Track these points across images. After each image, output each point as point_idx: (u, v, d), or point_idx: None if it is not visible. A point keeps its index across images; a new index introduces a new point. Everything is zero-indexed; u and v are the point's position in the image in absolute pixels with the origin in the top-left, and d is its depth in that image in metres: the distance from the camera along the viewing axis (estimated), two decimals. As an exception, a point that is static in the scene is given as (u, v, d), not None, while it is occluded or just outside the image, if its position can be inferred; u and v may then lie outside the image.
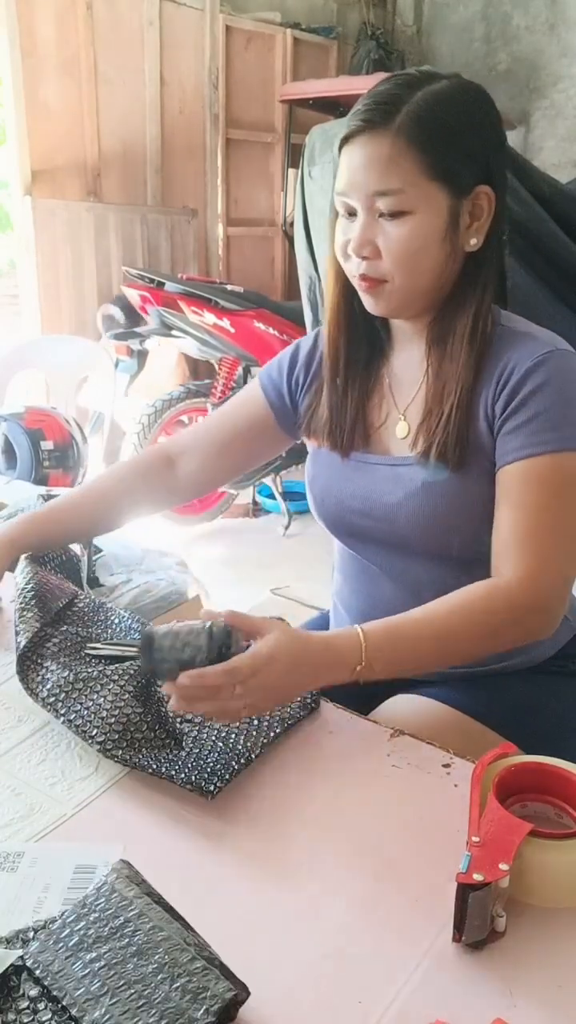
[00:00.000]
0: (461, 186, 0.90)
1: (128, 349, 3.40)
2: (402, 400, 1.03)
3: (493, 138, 0.94)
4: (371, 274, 0.93)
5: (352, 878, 0.69)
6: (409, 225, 0.89)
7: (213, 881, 0.70)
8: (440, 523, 0.97)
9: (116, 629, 1.08)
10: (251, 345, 3.39)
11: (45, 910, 0.65)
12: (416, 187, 0.88)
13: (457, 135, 0.90)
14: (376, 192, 0.89)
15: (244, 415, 1.15)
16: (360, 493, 1.03)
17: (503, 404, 0.92)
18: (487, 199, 0.92)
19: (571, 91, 4.87)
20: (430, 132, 0.88)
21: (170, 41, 4.08)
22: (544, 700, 1.05)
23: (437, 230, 0.90)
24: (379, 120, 0.88)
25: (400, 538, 1.01)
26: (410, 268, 0.91)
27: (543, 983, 0.59)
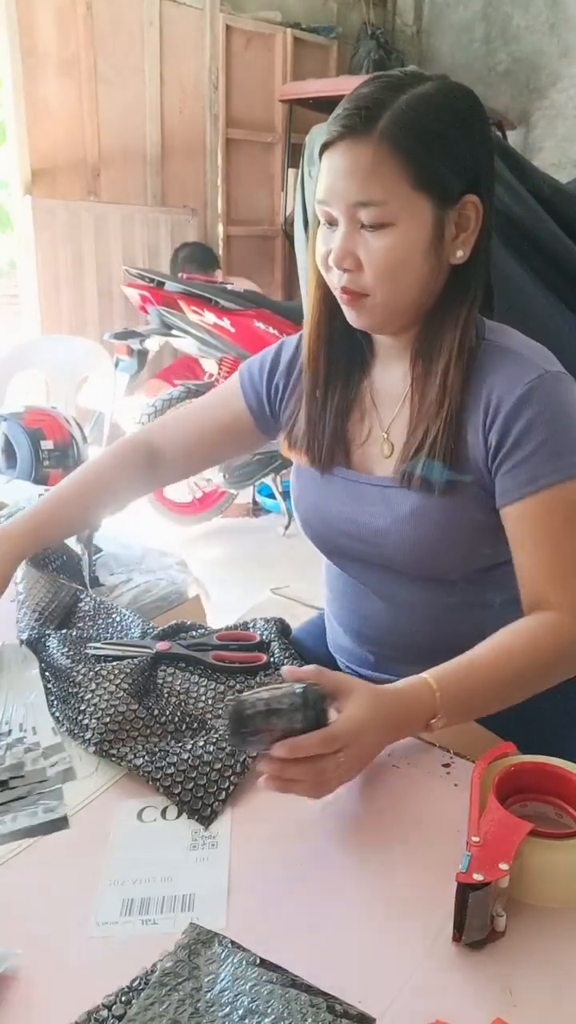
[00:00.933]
0: (447, 196, 0.85)
1: (128, 349, 3.40)
2: (386, 417, 0.99)
3: (481, 144, 0.88)
4: (352, 287, 0.88)
5: (352, 878, 0.69)
6: (392, 237, 0.84)
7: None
8: (429, 548, 0.95)
9: (118, 628, 1.09)
10: (251, 345, 3.38)
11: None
12: (400, 197, 0.83)
13: (443, 142, 0.84)
14: (357, 202, 0.84)
15: (225, 412, 1.13)
16: (347, 515, 1.00)
17: (497, 438, 0.89)
18: (474, 209, 0.87)
19: (571, 91, 4.87)
20: (415, 139, 0.82)
21: (170, 41, 4.09)
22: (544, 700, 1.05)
23: (421, 242, 0.85)
24: (360, 126, 0.82)
25: (388, 560, 0.98)
26: (392, 282, 0.87)
27: (543, 983, 0.59)
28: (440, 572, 0.97)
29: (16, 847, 0.73)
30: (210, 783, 0.78)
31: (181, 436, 1.16)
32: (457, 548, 0.94)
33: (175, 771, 0.79)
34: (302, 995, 0.55)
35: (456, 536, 0.94)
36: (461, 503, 0.92)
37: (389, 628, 1.04)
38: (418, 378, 0.94)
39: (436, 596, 0.99)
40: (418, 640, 1.02)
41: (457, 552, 0.95)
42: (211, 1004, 0.55)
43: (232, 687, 0.94)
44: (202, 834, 0.74)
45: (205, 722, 0.88)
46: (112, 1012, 0.56)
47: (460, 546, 0.94)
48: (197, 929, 0.62)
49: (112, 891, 0.68)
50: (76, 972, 0.61)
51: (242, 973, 0.57)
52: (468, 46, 5.15)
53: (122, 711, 0.85)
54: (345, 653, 1.12)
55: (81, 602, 1.12)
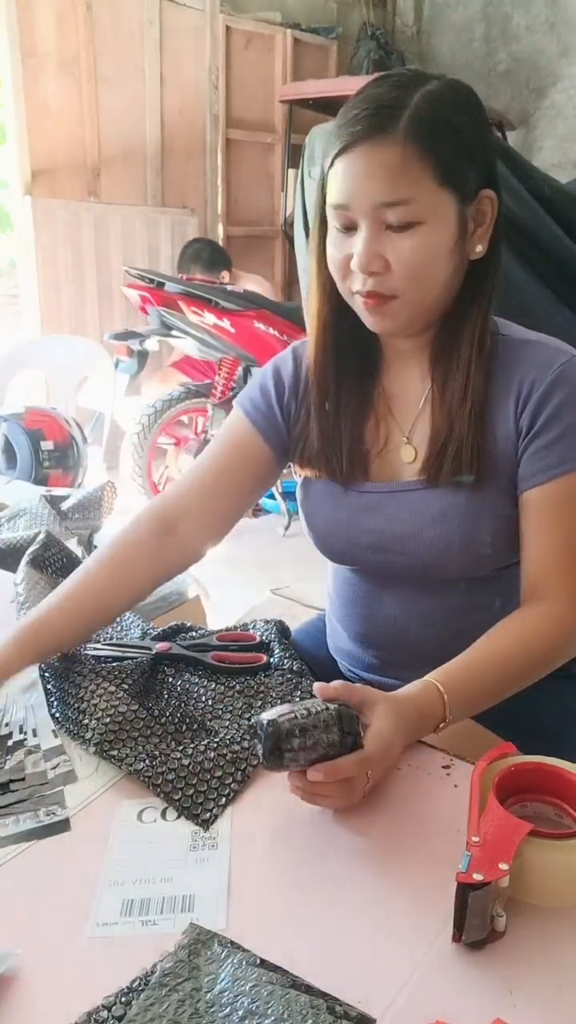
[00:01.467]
0: (467, 191, 0.86)
1: (128, 349, 3.41)
2: (405, 422, 0.98)
3: (487, 138, 0.89)
4: (380, 290, 0.86)
5: (352, 878, 0.69)
6: (419, 236, 0.84)
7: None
8: (459, 549, 0.94)
9: (118, 628, 1.09)
10: (251, 345, 3.39)
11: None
12: (426, 195, 0.83)
13: (461, 137, 0.85)
14: (384, 203, 0.82)
15: (237, 457, 1.03)
16: (372, 527, 0.97)
17: (529, 419, 0.89)
18: (490, 203, 0.88)
19: (571, 91, 4.87)
20: (438, 136, 0.82)
21: (170, 41, 4.09)
22: (544, 700, 1.05)
23: (447, 239, 0.86)
24: (383, 125, 0.81)
25: (417, 568, 0.97)
26: (421, 282, 0.86)
27: (543, 983, 0.59)
28: (468, 569, 0.97)
29: (16, 848, 0.73)
30: (210, 790, 0.78)
31: (198, 503, 1.02)
32: (486, 543, 0.94)
33: (175, 776, 0.79)
34: (302, 996, 0.55)
35: (484, 532, 0.94)
36: (490, 499, 0.92)
37: (398, 634, 1.04)
38: (439, 377, 0.93)
39: (455, 598, 0.99)
40: (425, 644, 1.02)
41: (486, 548, 0.95)
42: (211, 1005, 0.55)
43: (232, 688, 0.94)
44: (202, 835, 0.74)
45: (205, 724, 0.88)
46: (112, 1013, 0.56)
47: (489, 542, 0.94)
48: (197, 929, 0.62)
49: (112, 892, 0.68)
50: (76, 972, 0.61)
51: (242, 974, 0.57)
52: (468, 46, 5.15)
53: (122, 711, 0.85)
54: (348, 656, 1.12)
55: None
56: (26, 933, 0.64)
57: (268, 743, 0.70)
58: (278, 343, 3.39)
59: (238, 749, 0.82)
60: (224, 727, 0.87)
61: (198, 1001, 0.56)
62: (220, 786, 0.79)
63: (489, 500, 0.92)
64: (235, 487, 1.03)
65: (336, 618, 1.12)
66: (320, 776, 0.71)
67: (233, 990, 0.56)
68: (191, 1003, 0.56)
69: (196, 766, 0.80)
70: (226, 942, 0.61)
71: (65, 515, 1.49)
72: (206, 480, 1.03)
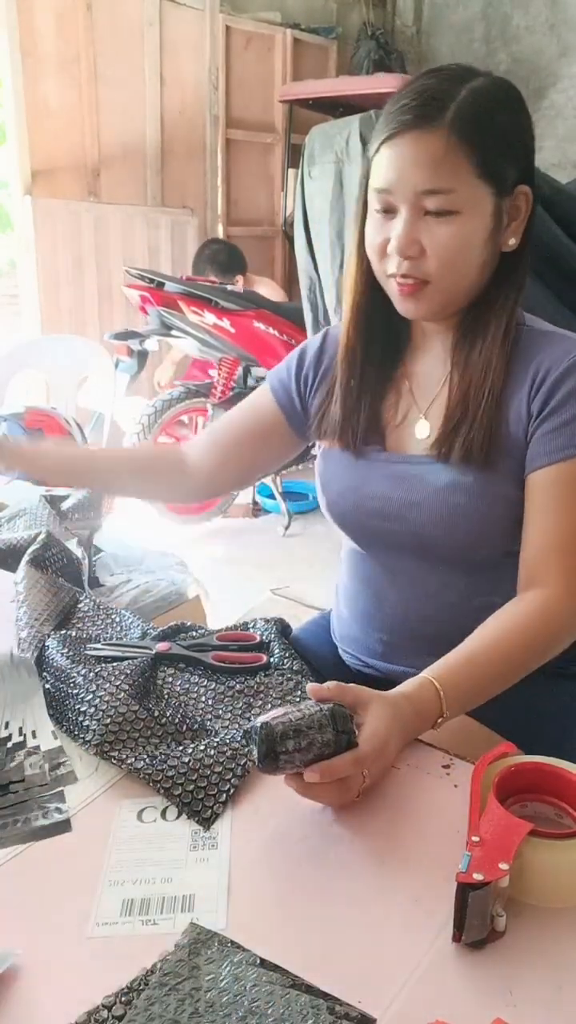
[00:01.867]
0: (504, 186, 0.89)
1: (128, 349, 3.40)
2: (423, 400, 1.01)
3: (530, 137, 0.93)
4: (414, 274, 0.90)
5: (352, 878, 0.69)
6: (457, 224, 0.87)
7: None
8: (462, 524, 0.95)
9: (118, 629, 1.09)
10: (251, 345, 3.39)
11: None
12: (466, 186, 0.86)
13: (503, 133, 0.88)
14: (425, 190, 0.86)
15: (255, 419, 1.13)
16: (381, 492, 1.00)
17: (540, 403, 0.91)
18: (525, 199, 0.91)
19: (571, 91, 4.87)
20: (481, 130, 0.85)
21: (170, 41, 4.09)
22: (544, 700, 1.05)
23: (482, 230, 0.89)
24: (431, 115, 0.85)
25: (418, 539, 0.99)
26: (455, 269, 0.89)
27: (543, 983, 0.59)
28: (469, 548, 0.98)
29: (16, 848, 0.73)
30: (211, 785, 0.78)
31: (212, 448, 1.14)
32: (489, 523, 0.96)
33: (175, 773, 0.79)
34: (302, 996, 0.55)
35: (489, 510, 0.95)
36: (497, 480, 0.94)
37: (403, 615, 1.05)
38: (460, 361, 0.96)
39: (459, 580, 1.00)
40: (429, 630, 1.03)
41: (489, 530, 0.96)
42: (211, 1004, 0.55)
43: (232, 687, 0.94)
44: (202, 834, 0.74)
45: (205, 724, 0.88)
46: (112, 1012, 0.56)
47: (493, 521, 0.95)
48: (197, 929, 0.62)
49: (112, 891, 0.68)
50: (76, 972, 0.61)
51: (242, 973, 0.57)
52: (468, 46, 5.15)
53: (123, 712, 0.85)
54: (353, 643, 1.12)
55: (80, 603, 1.12)
56: (26, 933, 0.64)
57: (263, 747, 0.70)
58: (278, 343, 3.39)
59: (237, 747, 0.82)
60: (224, 727, 0.87)
61: (198, 1001, 0.56)
62: (220, 782, 0.79)
63: (496, 481, 0.94)
64: (246, 448, 1.14)
65: (344, 602, 1.14)
66: (316, 777, 0.71)
67: (233, 990, 0.56)
68: (191, 1003, 0.55)
69: (196, 763, 0.80)
70: (226, 942, 0.61)
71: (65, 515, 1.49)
72: (223, 435, 1.15)
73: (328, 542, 3.45)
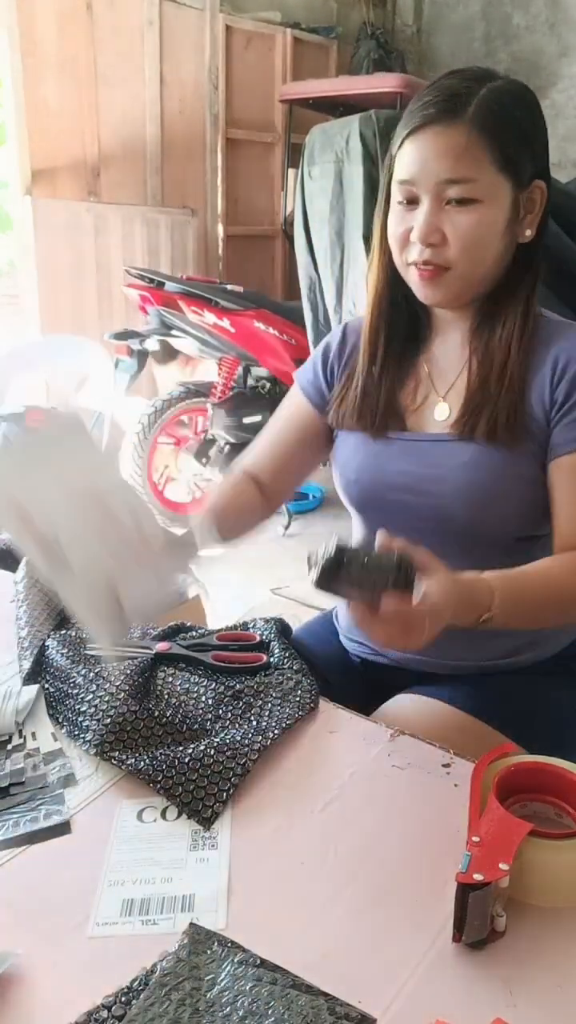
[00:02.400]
0: (522, 179, 0.94)
1: (128, 349, 3.40)
2: (442, 385, 1.04)
3: (545, 136, 0.99)
4: (436, 260, 0.94)
5: (352, 878, 0.69)
6: (477, 213, 0.91)
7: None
8: (484, 499, 0.98)
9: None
10: (251, 345, 3.39)
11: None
12: (486, 177, 0.91)
13: (521, 129, 0.93)
14: (448, 180, 0.90)
15: (297, 425, 1.15)
16: (403, 468, 1.03)
17: (563, 395, 0.94)
18: (540, 193, 0.96)
19: (571, 91, 4.87)
20: (502, 125, 0.91)
21: (170, 41, 4.09)
22: (545, 700, 1.06)
23: (500, 220, 0.93)
24: (454, 109, 0.90)
25: (440, 513, 1.00)
26: (474, 256, 0.93)
27: (543, 983, 0.59)
28: (486, 525, 1.00)
29: (17, 848, 0.73)
30: (211, 785, 0.78)
31: (274, 462, 1.16)
32: (508, 500, 0.98)
33: (175, 773, 0.79)
34: (302, 996, 0.55)
35: (509, 487, 0.98)
36: (518, 459, 0.97)
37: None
38: (478, 348, 1.00)
39: (477, 563, 1.00)
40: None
41: (508, 505, 0.99)
42: (211, 1004, 0.55)
43: (232, 688, 0.94)
44: (202, 834, 0.74)
45: (205, 724, 0.88)
46: (112, 1012, 0.56)
47: (511, 499, 0.98)
48: (197, 929, 0.62)
49: (112, 891, 0.68)
50: (76, 972, 0.61)
51: (242, 973, 0.57)
52: (468, 46, 5.15)
53: (123, 712, 0.85)
54: (363, 635, 1.12)
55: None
56: (26, 933, 0.64)
57: (328, 561, 0.71)
58: (278, 342, 3.39)
59: (238, 746, 0.82)
60: (224, 727, 0.87)
61: (198, 1001, 0.56)
62: (221, 781, 0.79)
63: (517, 460, 0.97)
64: (297, 453, 1.16)
65: None
66: (392, 607, 0.73)
67: (233, 990, 0.56)
68: (191, 1003, 0.55)
69: (196, 763, 0.80)
70: (226, 942, 0.61)
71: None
72: (272, 445, 1.17)
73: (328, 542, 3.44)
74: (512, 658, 1.06)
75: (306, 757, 0.85)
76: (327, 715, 0.92)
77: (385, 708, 1.03)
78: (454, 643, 0.91)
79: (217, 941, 0.61)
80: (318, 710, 0.92)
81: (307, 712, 0.90)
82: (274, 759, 0.84)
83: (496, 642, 1.05)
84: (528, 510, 0.99)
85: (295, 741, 0.87)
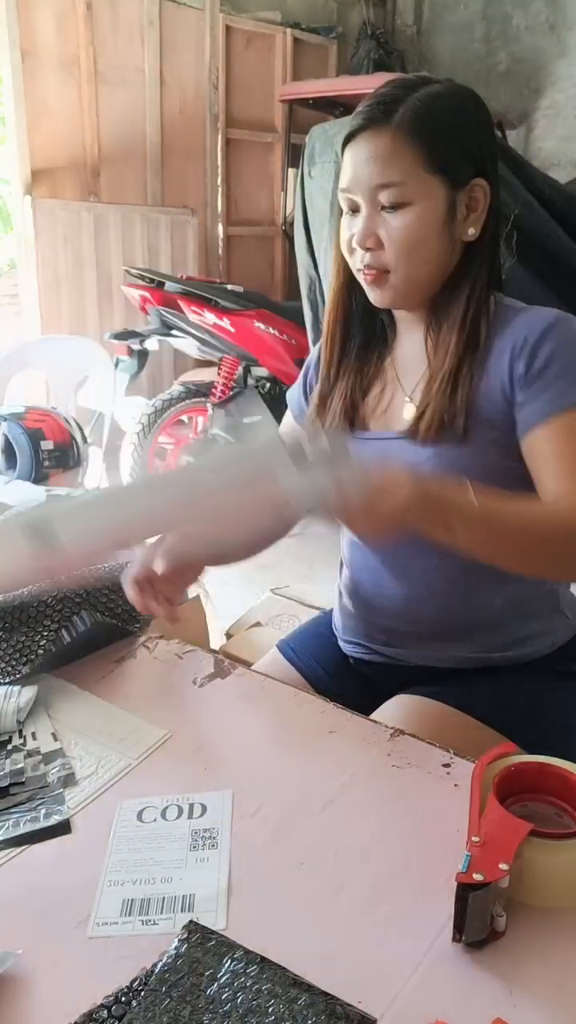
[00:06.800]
0: (457, 179, 0.94)
1: (128, 349, 3.40)
2: (408, 385, 1.04)
3: (485, 135, 0.98)
4: (376, 264, 0.95)
5: (352, 878, 0.69)
6: (409, 216, 0.93)
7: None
8: None
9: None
10: (251, 345, 3.39)
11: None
12: (415, 179, 0.92)
13: (452, 130, 0.94)
14: (378, 185, 0.92)
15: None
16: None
17: (523, 368, 0.93)
18: (482, 191, 0.96)
19: (571, 91, 4.87)
20: (427, 127, 0.92)
21: (170, 41, 4.09)
22: (545, 700, 1.06)
23: (436, 220, 0.94)
24: (380, 117, 0.92)
25: None
26: (411, 257, 0.94)
27: (543, 983, 0.59)
28: None
29: (16, 848, 0.73)
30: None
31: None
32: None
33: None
34: (302, 996, 0.55)
35: (477, 481, 0.94)
36: (481, 449, 0.96)
37: (403, 599, 1.06)
38: (431, 346, 1.01)
39: (456, 567, 0.99)
40: (429, 612, 1.05)
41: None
42: (211, 1001, 0.55)
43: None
44: (202, 834, 0.74)
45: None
46: (112, 1012, 0.56)
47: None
48: (197, 927, 0.62)
49: (112, 891, 0.68)
50: (76, 972, 0.61)
51: (242, 971, 0.57)
52: (468, 46, 5.15)
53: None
54: (356, 633, 1.13)
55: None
56: (26, 933, 0.64)
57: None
58: (278, 342, 3.39)
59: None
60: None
61: (198, 998, 0.56)
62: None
63: (480, 450, 0.96)
64: None
65: (346, 592, 1.15)
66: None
67: (233, 987, 0.56)
68: (191, 999, 0.56)
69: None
70: (227, 941, 0.61)
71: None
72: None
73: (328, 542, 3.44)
74: (510, 651, 1.06)
75: (306, 757, 0.85)
76: (327, 715, 0.92)
77: (385, 708, 1.03)
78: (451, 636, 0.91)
79: (217, 939, 0.61)
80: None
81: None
82: (274, 759, 0.84)
83: (494, 634, 1.05)
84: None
85: (295, 741, 0.87)
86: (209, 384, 3.48)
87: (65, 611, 1.02)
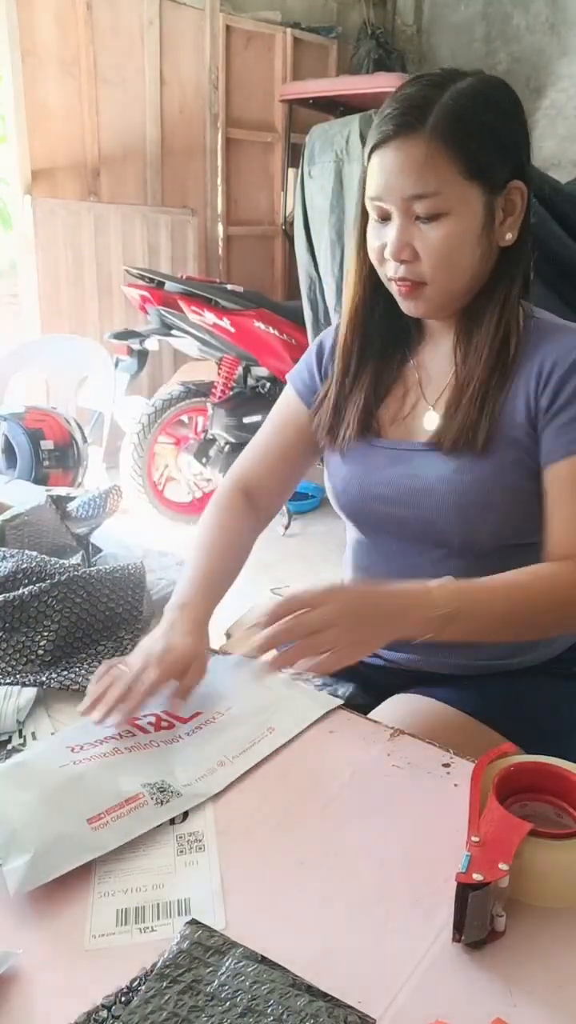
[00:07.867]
0: (495, 183, 0.90)
1: (128, 348, 3.40)
2: (432, 393, 1.02)
3: (522, 132, 0.93)
4: (410, 277, 0.92)
5: (352, 878, 0.69)
6: (447, 227, 0.89)
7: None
8: (467, 509, 0.96)
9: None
10: (251, 345, 3.39)
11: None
12: (452, 188, 0.88)
13: (490, 132, 0.89)
14: (413, 195, 0.88)
15: (292, 430, 1.13)
16: (386, 479, 1.01)
17: (549, 399, 0.92)
18: (520, 194, 0.92)
19: (571, 91, 4.86)
20: (464, 131, 0.87)
21: (170, 41, 4.09)
22: (545, 700, 1.05)
23: (474, 229, 0.90)
24: (412, 122, 0.86)
25: (425, 525, 0.99)
26: (449, 269, 0.91)
27: (543, 983, 0.59)
28: (475, 536, 0.98)
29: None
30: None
31: (269, 470, 1.15)
32: (494, 511, 0.96)
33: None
34: (302, 996, 0.55)
35: (495, 498, 0.96)
36: (501, 466, 0.95)
37: None
38: (460, 353, 0.98)
39: (466, 573, 1.00)
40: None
41: (495, 515, 0.97)
42: (211, 998, 0.55)
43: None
44: (188, 838, 0.73)
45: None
46: (112, 1012, 0.56)
47: (497, 509, 0.96)
48: (199, 925, 0.62)
49: (104, 902, 0.67)
50: (76, 972, 0.60)
51: (243, 969, 0.57)
52: (468, 46, 5.15)
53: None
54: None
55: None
56: (26, 933, 0.64)
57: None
58: (278, 342, 3.39)
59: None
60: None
61: (198, 994, 0.56)
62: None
63: (502, 470, 0.95)
64: (291, 457, 1.14)
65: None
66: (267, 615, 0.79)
67: (233, 985, 0.56)
68: (191, 995, 0.56)
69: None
70: (228, 939, 0.61)
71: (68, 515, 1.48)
72: (271, 453, 1.15)
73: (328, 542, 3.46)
74: (511, 659, 1.06)
75: (306, 757, 0.85)
76: (326, 715, 0.91)
77: (384, 708, 1.03)
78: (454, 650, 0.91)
79: (219, 936, 0.61)
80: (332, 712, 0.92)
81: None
82: (274, 758, 0.84)
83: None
84: (520, 519, 0.97)
85: (295, 740, 0.87)
86: (209, 384, 3.48)
87: (65, 611, 1.02)
